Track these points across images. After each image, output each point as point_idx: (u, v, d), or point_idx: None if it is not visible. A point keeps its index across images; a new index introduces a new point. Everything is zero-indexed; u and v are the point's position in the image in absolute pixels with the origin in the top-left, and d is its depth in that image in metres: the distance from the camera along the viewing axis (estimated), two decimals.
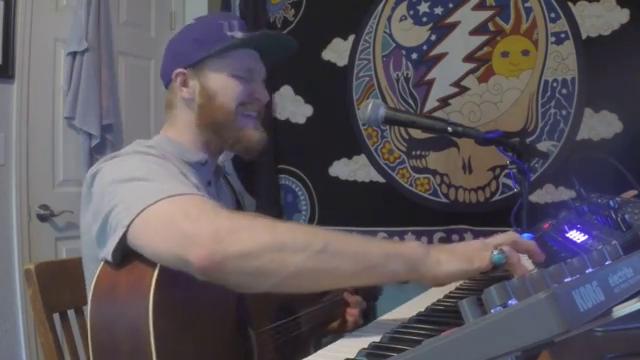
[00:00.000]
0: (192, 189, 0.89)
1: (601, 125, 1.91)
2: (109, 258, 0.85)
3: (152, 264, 0.83)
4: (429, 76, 2.21)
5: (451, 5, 2.17)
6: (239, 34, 1.15)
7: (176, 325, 0.83)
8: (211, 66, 1.13)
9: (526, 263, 0.94)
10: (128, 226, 0.82)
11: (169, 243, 0.79)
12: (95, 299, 0.85)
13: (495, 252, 0.86)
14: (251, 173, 2.43)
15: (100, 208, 0.89)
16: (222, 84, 1.12)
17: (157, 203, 0.82)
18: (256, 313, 0.98)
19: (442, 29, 2.18)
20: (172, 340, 0.81)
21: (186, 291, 0.80)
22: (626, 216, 0.86)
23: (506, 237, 0.92)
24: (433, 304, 1.04)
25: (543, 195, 1.98)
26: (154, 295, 0.80)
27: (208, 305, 0.82)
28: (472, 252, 0.88)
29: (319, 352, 0.83)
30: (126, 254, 0.85)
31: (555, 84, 1.99)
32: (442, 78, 2.18)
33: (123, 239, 0.83)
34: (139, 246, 0.83)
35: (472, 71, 2.12)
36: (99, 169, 0.95)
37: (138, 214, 0.82)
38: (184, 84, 1.14)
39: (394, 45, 2.28)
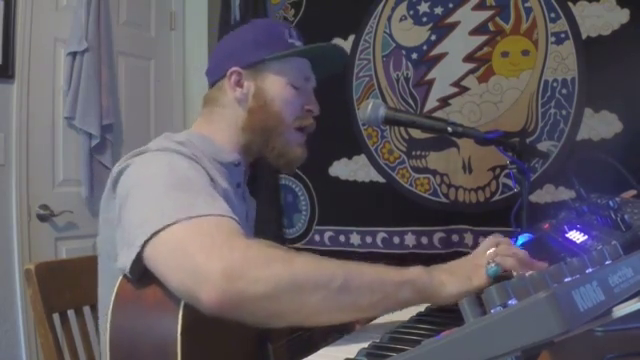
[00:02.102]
0: (216, 202, 0.85)
1: (601, 125, 1.91)
2: (127, 273, 0.83)
3: None
4: (429, 76, 2.21)
5: (451, 5, 2.16)
6: (297, 43, 1.14)
7: (203, 342, 0.81)
8: (271, 70, 1.11)
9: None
10: (142, 246, 0.79)
11: (180, 277, 0.76)
12: (116, 314, 0.82)
13: (490, 265, 0.87)
14: (251, 173, 2.43)
15: (123, 212, 0.87)
16: (280, 91, 1.11)
17: (173, 226, 0.78)
18: (275, 328, 0.97)
19: (442, 29, 2.18)
20: (199, 357, 0.79)
21: None
22: (626, 216, 0.86)
23: (490, 242, 0.93)
24: (433, 304, 1.04)
25: (543, 195, 1.98)
26: (183, 312, 0.77)
27: (232, 323, 0.79)
28: (469, 270, 0.89)
29: (319, 352, 0.83)
30: (145, 269, 0.82)
31: (555, 84, 1.99)
32: (442, 78, 2.18)
33: (139, 257, 0.81)
34: (152, 270, 0.81)
35: (472, 71, 2.12)
36: (126, 165, 0.92)
37: (152, 235, 0.79)
38: (238, 84, 1.11)
39: (394, 45, 2.28)
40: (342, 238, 2.36)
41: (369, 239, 2.31)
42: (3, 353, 1.97)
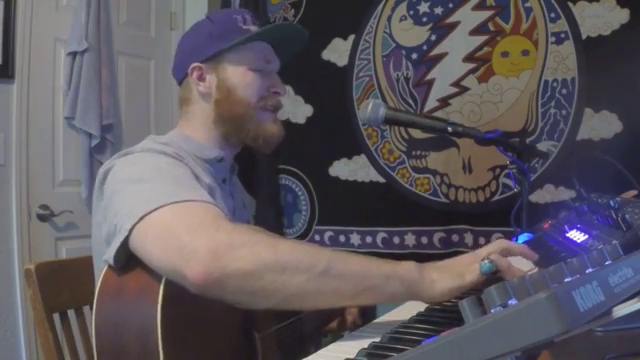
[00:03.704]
0: (201, 193, 0.88)
1: (601, 125, 1.91)
2: (111, 261, 0.84)
3: None
4: (429, 76, 2.21)
5: (451, 5, 2.16)
6: (253, 27, 1.14)
7: (184, 331, 0.82)
8: (229, 60, 1.12)
9: (523, 264, 0.94)
10: (130, 230, 0.82)
11: (167, 255, 0.78)
12: (101, 302, 0.84)
13: (484, 262, 0.87)
14: (251, 173, 2.43)
15: (109, 207, 0.89)
16: (241, 78, 1.11)
17: (160, 209, 0.81)
18: (261, 316, 0.98)
19: (442, 29, 2.18)
20: (180, 346, 0.80)
21: (194, 295, 0.79)
22: (626, 216, 0.86)
23: (496, 246, 0.93)
24: (433, 304, 1.04)
25: (543, 195, 1.98)
26: (162, 301, 0.79)
27: (215, 309, 0.81)
28: (462, 267, 0.89)
29: (319, 352, 0.83)
30: (130, 257, 0.84)
31: (555, 84, 1.99)
32: (442, 78, 2.18)
33: (125, 243, 0.83)
34: (138, 253, 0.83)
35: (472, 71, 2.12)
36: (111, 166, 0.95)
37: (140, 219, 0.81)
38: (200, 78, 1.12)
39: (394, 45, 2.28)
40: (342, 238, 2.36)
41: (369, 239, 2.31)
42: (3, 353, 1.97)
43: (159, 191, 0.85)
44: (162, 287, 0.80)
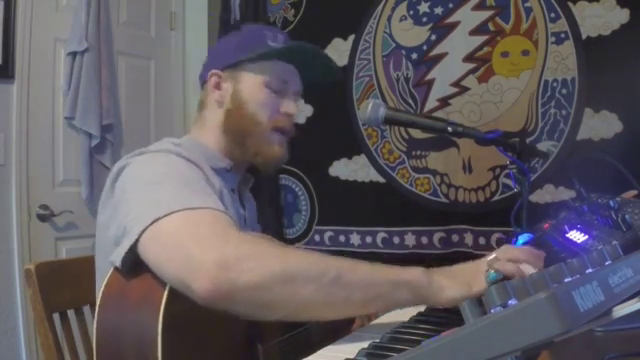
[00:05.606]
0: (213, 200, 0.87)
1: (601, 125, 1.91)
2: (118, 264, 0.83)
3: None
4: (429, 76, 2.21)
5: (451, 5, 2.16)
6: (280, 47, 1.14)
7: (185, 340, 0.82)
8: (246, 72, 1.12)
9: (526, 267, 0.94)
10: (139, 234, 0.81)
11: (174, 265, 0.77)
12: (103, 306, 0.83)
13: (490, 272, 0.87)
14: (251, 173, 2.43)
15: (119, 207, 0.88)
16: (255, 93, 1.11)
17: (170, 215, 0.80)
18: (265, 327, 0.97)
19: (442, 29, 2.18)
20: (180, 356, 0.80)
21: (197, 305, 0.77)
22: (626, 216, 0.86)
23: (501, 253, 0.93)
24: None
25: (543, 195, 1.98)
26: (164, 309, 0.78)
27: (218, 320, 0.80)
28: (470, 276, 0.89)
29: (319, 352, 0.83)
30: (137, 262, 0.83)
31: (555, 84, 1.99)
32: (442, 78, 2.18)
33: (133, 247, 0.82)
34: (146, 259, 0.82)
35: (472, 71, 2.12)
36: (126, 164, 0.94)
37: (149, 225, 0.80)
38: (217, 86, 1.13)
39: (394, 45, 2.28)
40: (342, 238, 2.36)
41: (369, 239, 2.31)
42: (3, 353, 1.97)
43: (171, 195, 0.84)
44: (165, 295, 0.79)
